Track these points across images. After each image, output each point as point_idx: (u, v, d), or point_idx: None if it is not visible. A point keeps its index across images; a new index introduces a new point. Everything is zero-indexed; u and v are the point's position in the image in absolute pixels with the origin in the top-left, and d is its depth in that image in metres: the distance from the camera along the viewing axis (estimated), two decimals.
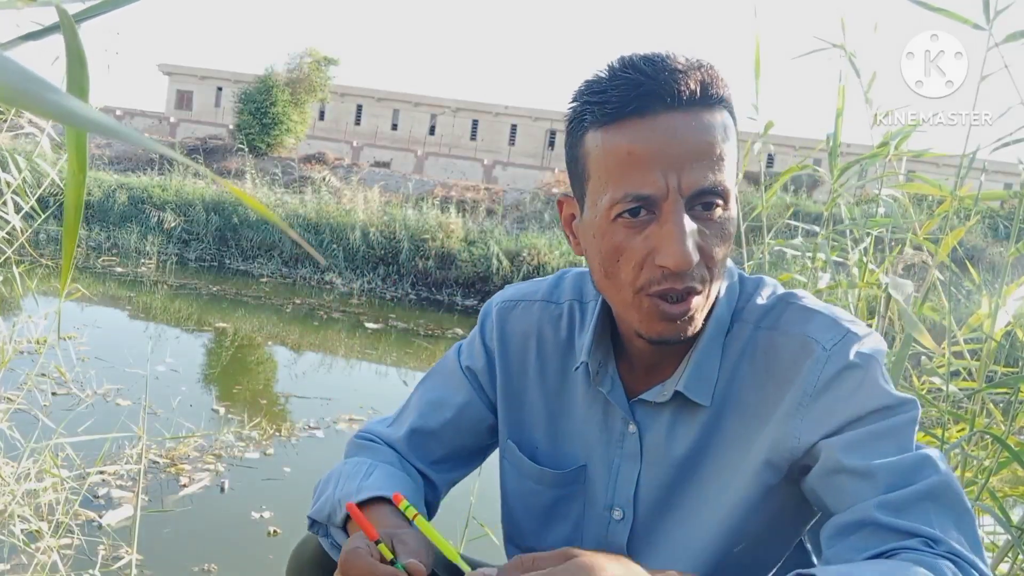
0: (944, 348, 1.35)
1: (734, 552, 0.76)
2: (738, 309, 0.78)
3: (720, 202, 0.69)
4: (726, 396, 0.76)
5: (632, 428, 0.80)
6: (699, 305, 0.71)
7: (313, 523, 0.85)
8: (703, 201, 0.68)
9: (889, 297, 1.48)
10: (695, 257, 0.67)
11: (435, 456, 0.91)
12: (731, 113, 0.71)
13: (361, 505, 0.77)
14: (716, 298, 0.76)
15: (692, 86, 0.66)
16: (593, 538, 0.83)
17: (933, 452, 0.67)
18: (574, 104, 0.73)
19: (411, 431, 0.90)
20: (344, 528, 0.81)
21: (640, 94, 0.66)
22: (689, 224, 0.67)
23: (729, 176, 0.69)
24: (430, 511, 0.91)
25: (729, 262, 0.78)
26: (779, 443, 0.72)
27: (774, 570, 0.80)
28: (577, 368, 0.83)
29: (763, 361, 0.75)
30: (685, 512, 0.78)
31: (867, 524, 0.64)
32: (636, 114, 0.66)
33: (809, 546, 0.85)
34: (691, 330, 0.71)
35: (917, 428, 0.70)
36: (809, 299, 0.78)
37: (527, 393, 0.88)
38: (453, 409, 0.91)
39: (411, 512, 0.74)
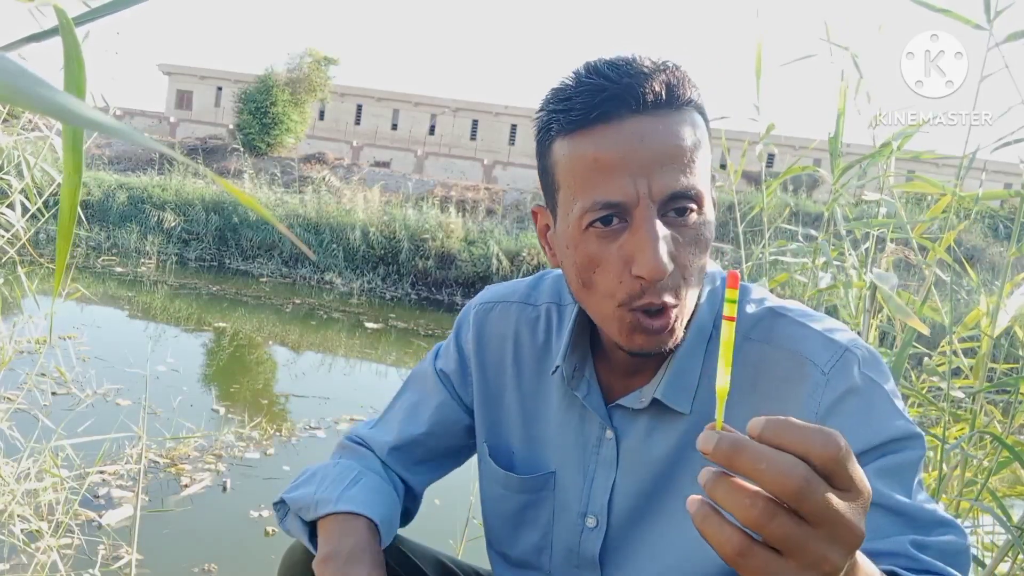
0: (951, 339, 1.35)
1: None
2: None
3: (693, 206, 0.66)
4: (709, 405, 0.73)
5: (609, 434, 0.78)
6: (678, 316, 0.69)
7: (280, 504, 0.87)
8: (676, 206, 0.66)
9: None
10: (670, 266, 0.65)
11: (416, 461, 0.91)
12: (701, 114, 0.69)
13: (335, 515, 0.79)
14: (697, 304, 0.74)
15: (658, 89, 0.64)
16: (565, 545, 0.81)
17: (951, 516, 0.66)
18: (540, 114, 0.71)
19: (394, 439, 0.91)
20: (309, 525, 0.83)
21: (604, 99, 0.64)
22: (662, 230, 0.65)
23: (702, 179, 0.66)
24: (409, 517, 0.92)
25: (712, 266, 0.76)
26: None
27: None
28: (554, 372, 0.81)
29: (752, 374, 0.72)
30: (663, 524, 0.75)
31: (901, 556, 0.62)
32: (601, 120, 0.65)
33: None
34: (671, 342, 0.70)
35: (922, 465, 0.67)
36: (799, 310, 0.75)
37: (504, 396, 0.87)
38: (431, 412, 0.91)
39: None
